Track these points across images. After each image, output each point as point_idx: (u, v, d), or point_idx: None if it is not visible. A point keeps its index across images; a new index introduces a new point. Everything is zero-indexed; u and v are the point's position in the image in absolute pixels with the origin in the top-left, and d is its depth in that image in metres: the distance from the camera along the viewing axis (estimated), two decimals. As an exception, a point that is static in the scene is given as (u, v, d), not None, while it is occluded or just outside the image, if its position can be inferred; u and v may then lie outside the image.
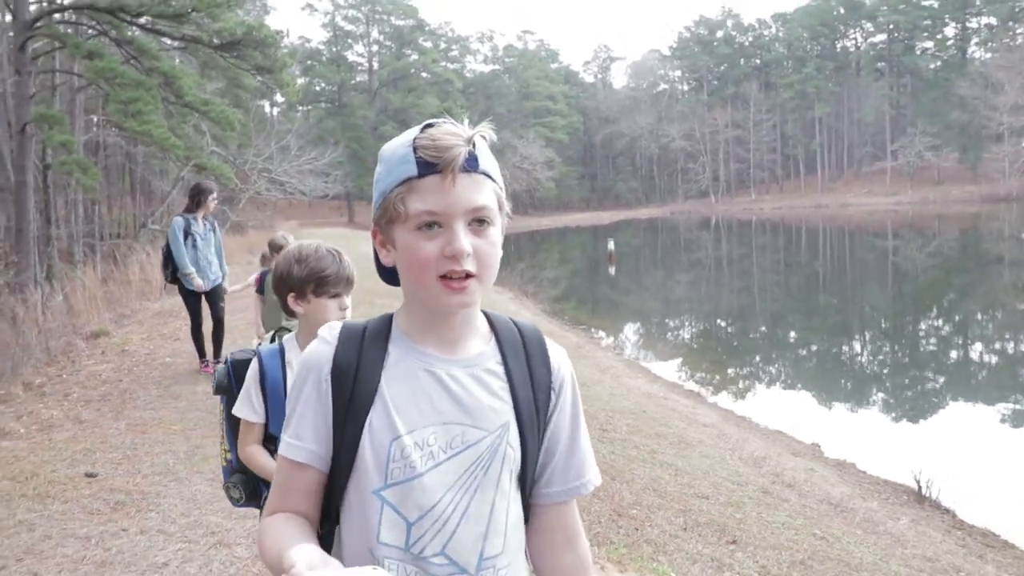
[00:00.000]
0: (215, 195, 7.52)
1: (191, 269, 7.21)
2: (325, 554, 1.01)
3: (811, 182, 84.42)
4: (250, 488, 2.29)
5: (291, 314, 2.29)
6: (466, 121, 1.13)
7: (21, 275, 12.10)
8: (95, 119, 22.29)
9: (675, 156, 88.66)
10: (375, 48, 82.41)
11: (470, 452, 1.13)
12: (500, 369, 1.18)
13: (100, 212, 23.78)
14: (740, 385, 12.11)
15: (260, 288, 5.89)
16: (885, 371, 13.01)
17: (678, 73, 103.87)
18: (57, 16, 14.81)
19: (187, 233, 7.21)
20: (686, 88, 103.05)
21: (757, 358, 14.44)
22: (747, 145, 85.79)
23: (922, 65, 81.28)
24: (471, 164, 1.09)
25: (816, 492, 5.88)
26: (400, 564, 1.11)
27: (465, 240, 1.08)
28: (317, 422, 1.15)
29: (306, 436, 1.15)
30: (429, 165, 1.08)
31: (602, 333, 16.31)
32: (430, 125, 1.12)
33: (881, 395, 11.31)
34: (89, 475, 4.68)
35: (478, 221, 1.10)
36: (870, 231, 46.78)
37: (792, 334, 16.79)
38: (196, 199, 7.36)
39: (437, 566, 1.11)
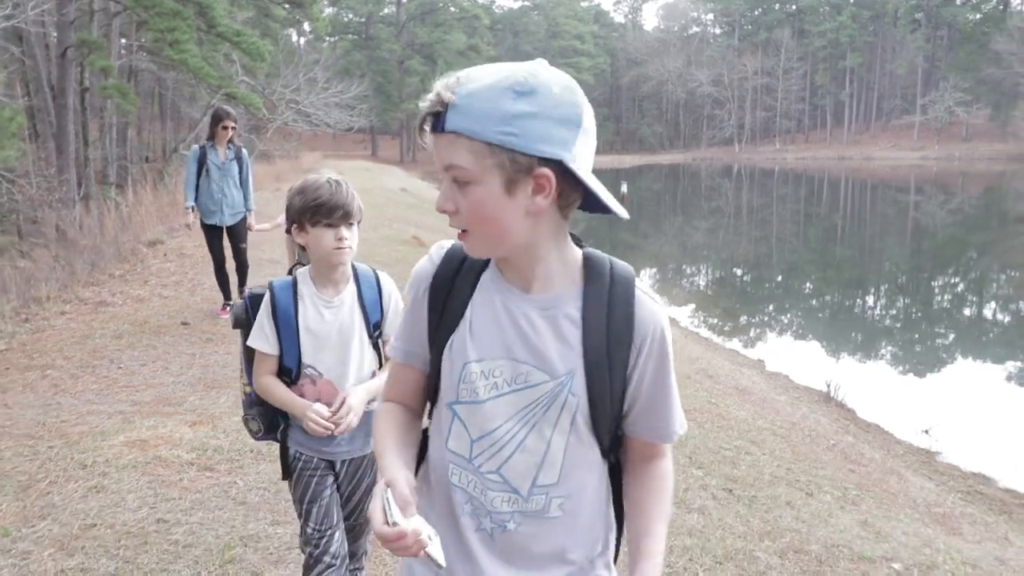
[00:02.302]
0: (226, 123, 6.71)
1: (190, 203, 6.76)
2: (412, 487, 1.14)
3: (837, 134, 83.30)
4: (267, 420, 2.27)
5: (302, 249, 2.28)
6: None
7: (65, 194, 12.85)
8: (123, 43, 22.68)
9: (702, 102, 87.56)
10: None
11: (531, 391, 1.17)
12: (577, 315, 1.17)
13: (130, 136, 24.40)
14: (708, 311, 13.15)
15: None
16: (874, 317, 13.59)
17: (710, 16, 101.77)
18: (96, -58, 15.18)
19: (201, 163, 6.72)
20: (718, 32, 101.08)
21: (746, 295, 15.04)
22: (775, 93, 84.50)
23: (961, 17, 79.12)
24: (438, 123, 1.10)
25: (730, 382, 6.92)
26: (463, 472, 1.22)
27: (445, 197, 1.13)
28: (416, 329, 1.26)
29: (408, 339, 1.28)
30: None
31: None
32: None
33: (850, 332, 12.03)
34: (184, 323, 6.58)
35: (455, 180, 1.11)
36: (893, 185, 46.53)
37: (783, 278, 17.30)
38: (211, 128, 6.86)
39: (492, 482, 1.20)
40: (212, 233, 6.92)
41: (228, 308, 6.90)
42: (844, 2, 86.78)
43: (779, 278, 17.69)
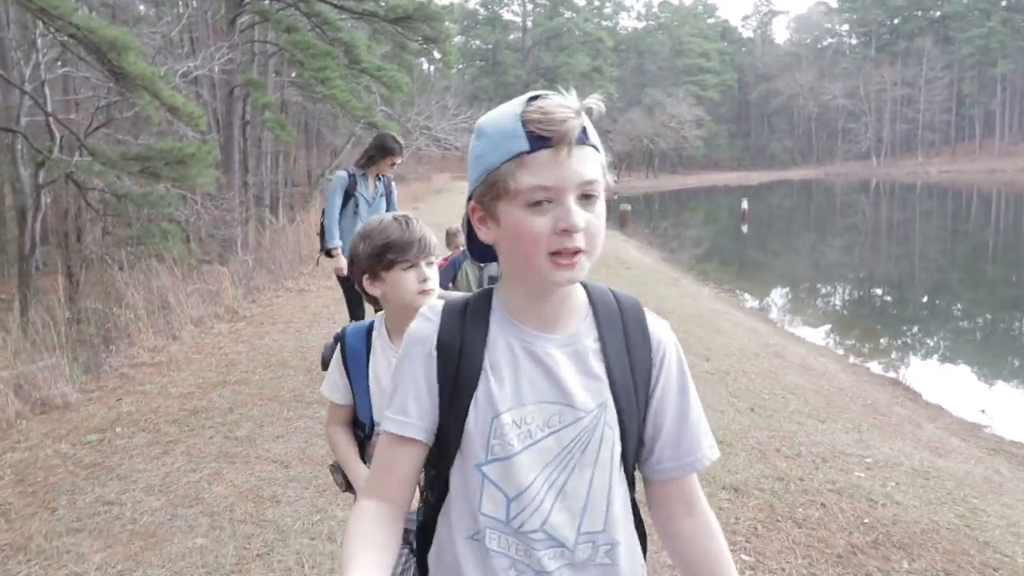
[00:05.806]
0: (395, 160, 5.36)
1: (337, 242, 5.29)
2: None
3: (987, 145, 78.04)
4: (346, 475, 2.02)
5: (373, 302, 2.05)
6: (573, 92, 1.07)
7: (230, 214, 14.21)
8: (275, 78, 24.60)
9: (836, 115, 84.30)
10: (529, 7, 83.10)
11: (568, 431, 1.11)
12: (597, 346, 1.14)
13: (280, 163, 26.39)
14: (804, 313, 13.28)
15: (453, 276, 4.79)
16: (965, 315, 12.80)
17: (845, 27, 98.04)
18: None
19: (349, 194, 5.32)
20: (853, 42, 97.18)
21: (885, 316, 14.43)
22: (916, 105, 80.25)
23: None
24: (582, 137, 1.04)
25: (797, 360, 7.39)
26: (501, 536, 1.12)
27: (579, 215, 1.03)
28: (421, 397, 1.13)
29: (411, 411, 1.13)
30: (542, 139, 1.02)
31: (744, 293, 16.67)
32: (535, 97, 1.06)
33: (1005, 356, 11.32)
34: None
35: (586, 196, 1.05)
36: (1053, 199, 43.17)
37: (928, 299, 16.49)
38: (371, 155, 5.36)
39: (536, 540, 1.11)
40: (350, 280, 4.70)
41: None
42: (994, 6, 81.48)
43: (923, 298, 16.93)
